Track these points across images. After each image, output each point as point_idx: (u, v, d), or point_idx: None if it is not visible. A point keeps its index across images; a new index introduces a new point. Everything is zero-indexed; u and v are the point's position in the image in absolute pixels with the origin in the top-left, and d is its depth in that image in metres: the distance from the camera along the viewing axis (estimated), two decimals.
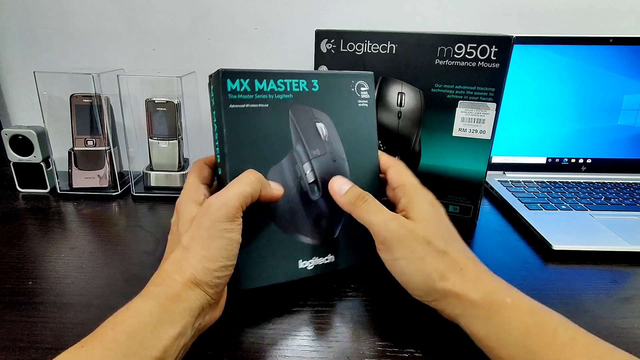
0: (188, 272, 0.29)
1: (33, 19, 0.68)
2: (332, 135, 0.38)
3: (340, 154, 0.38)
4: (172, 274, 0.29)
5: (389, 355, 0.32)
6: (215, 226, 0.30)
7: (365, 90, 0.40)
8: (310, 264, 0.38)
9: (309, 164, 0.37)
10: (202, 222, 0.31)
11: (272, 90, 0.35)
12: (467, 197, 0.55)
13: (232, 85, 0.34)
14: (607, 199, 0.60)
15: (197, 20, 0.68)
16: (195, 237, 0.30)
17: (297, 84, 0.36)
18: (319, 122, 0.38)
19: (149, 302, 0.28)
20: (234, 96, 0.34)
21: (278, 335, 0.34)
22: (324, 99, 0.38)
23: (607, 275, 0.44)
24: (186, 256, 0.30)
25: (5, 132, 0.59)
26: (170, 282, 0.29)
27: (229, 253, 0.30)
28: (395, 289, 0.33)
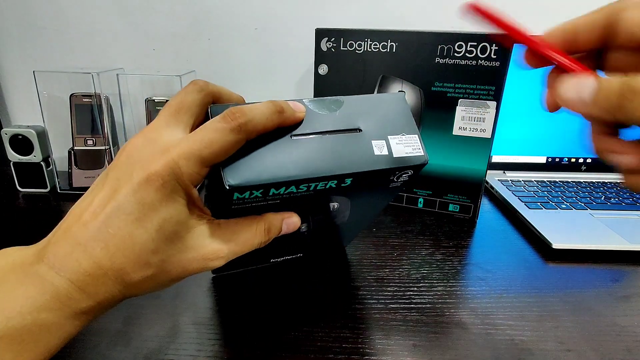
0: (131, 294, 0.23)
1: (33, 18, 0.68)
2: (342, 206, 0.35)
3: (343, 216, 0.36)
4: (113, 291, 0.23)
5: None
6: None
7: (407, 175, 0.30)
8: (280, 259, 0.42)
9: (306, 224, 0.36)
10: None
11: (290, 192, 0.27)
12: (467, 196, 0.55)
13: (239, 195, 0.25)
14: (607, 198, 0.60)
15: (197, 20, 0.68)
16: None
17: (324, 184, 0.27)
18: (332, 202, 0.34)
19: (62, 311, 0.21)
20: (240, 202, 0.26)
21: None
22: (352, 190, 0.30)
23: (607, 274, 0.44)
24: (143, 278, 0.23)
25: (5, 132, 0.59)
26: (102, 299, 0.23)
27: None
28: None
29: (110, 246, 0.22)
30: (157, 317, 0.35)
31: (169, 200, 0.23)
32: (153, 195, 0.22)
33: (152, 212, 0.22)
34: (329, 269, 0.43)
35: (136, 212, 0.22)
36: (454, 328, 0.35)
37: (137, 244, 0.22)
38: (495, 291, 0.40)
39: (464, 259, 0.46)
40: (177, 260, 0.24)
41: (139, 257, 0.22)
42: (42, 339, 0.21)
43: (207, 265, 0.25)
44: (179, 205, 0.23)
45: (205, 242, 0.25)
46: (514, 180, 0.66)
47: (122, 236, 0.22)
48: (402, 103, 0.30)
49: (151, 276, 0.23)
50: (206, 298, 0.38)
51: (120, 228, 0.22)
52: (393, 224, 0.54)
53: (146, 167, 0.22)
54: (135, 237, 0.22)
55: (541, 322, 0.36)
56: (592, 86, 0.21)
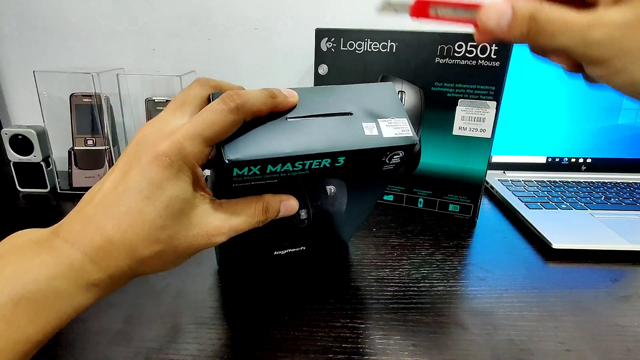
0: (141, 271, 0.25)
1: (33, 18, 0.68)
2: (340, 191, 0.35)
3: (342, 201, 0.37)
4: (123, 266, 0.24)
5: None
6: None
7: (398, 157, 0.31)
8: (283, 252, 0.43)
9: (305, 210, 0.36)
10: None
11: (286, 170, 0.28)
12: (467, 196, 0.55)
13: (238, 172, 0.26)
14: (607, 198, 0.60)
15: (197, 20, 0.68)
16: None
17: (318, 162, 0.28)
18: (329, 185, 0.34)
19: (78, 284, 0.23)
20: (239, 179, 0.27)
21: None
22: (345, 170, 0.31)
23: (607, 273, 0.44)
24: (150, 255, 0.24)
25: (5, 132, 0.59)
26: (115, 273, 0.24)
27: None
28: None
29: (121, 223, 0.23)
30: (158, 317, 0.35)
31: (176, 179, 0.24)
32: (161, 174, 0.24)
33: (160, 190, 0.24)
34: (329, 269, 0.43)
35: (145, 190, 0.23)
36: (454, 328, 0.35)
37: (147, 220, 0.23)
38: (495, 291, 0.40)
39: (464, 259, 0.46)
40: (184, 236, 0.25)
41: (148, 233, 0.24)
42: (56, 305, 0.22)
43: (210, 240, 0.26)
44: (185, 184, 0.24)
45: (208, 219, 0.26)
46: (514, 180, 0.66)
47: (133, 213, 0.23)
48: (391, 91, 0.32)
49: (159, 252, 0.24)
50: (206, 298, 0.38)
51: (130, 206, 0.23)
52: (393, 224, 0.54)
53: (154, 148, 0.24)
54: (145, 214, 0.23)
55: (541, 322, 0.36)
56: (508, 13, 0.23)
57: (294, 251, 0.44)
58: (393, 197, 0.59)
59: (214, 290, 0.39)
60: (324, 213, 0.38)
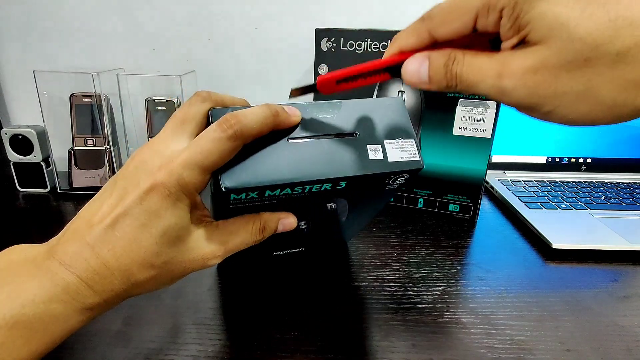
0: (136, 292, 0.25)
1: (33, 18, 0.68)
2: (340, 208, 0.35)
3: (342, 214, 0.37)
4: (118, 288, 0.24)
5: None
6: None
7: (402, 179, 0.30)
8: (282, 252, 0.43)
9: (305, 222, 0.37)
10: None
11: (285, 194, 0.27)
12: (467, 196, 0.55)
13: (236, 197, 0.26)
14: (607, 198, 0.60)
15: (197, 20, 0.68)
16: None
17: (319, 187, 0.27)
18: (330, 204, 0.34)
19: (72, 306, 0.23)
20: (237, 203, 0.27)
21: None
22: (347, 193, 0.30)
23: (607, 273, 0.44)
24: (145, 277, 0.24)
25: (5, 132, 0.59)
26: (109, 296, 0.24)
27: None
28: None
29: (117, 248, 0.23)
30: (158, 317, 0.35)
31: (173, 208, 0.24)
32: (159, 203, 0.23)
33: (157, 219, 0.24)
34: (328, 269, 0.43)
35: (142, 218, 0.23)
36: (453, 328, 0.35)
37: (143, 247, 0.24)
38: (495, 291, 0.40)
39: (464, 259, 0.46)
40: (179, 261, 0.25)
41: (143, 259, 0.24)
42: (50, 328, 0.22)
43: (205, 264, 0.26)
44: (183, 212, 0.24)
45: (204, 243, 0.26)
46: (514, 180, 0.66)
47: (129, 240, 0.23)
48: (400, 107, 0.30)
49: (154, 276, 0.25)
50: (206, 298, 0.38)
51: (126, 232, 0.23)
52: (393, 224, 0.54)
53: (152, 176, 0.24)
54: (141, 241, 0.23)
55: (541, 322, 0.36)
56: (425, 67, 0.23)
57: (293, 252, 0.44)
58: (393, 197, 0.59)
59: (213, 291, 0.39)
60: (324, 224, 0.38)
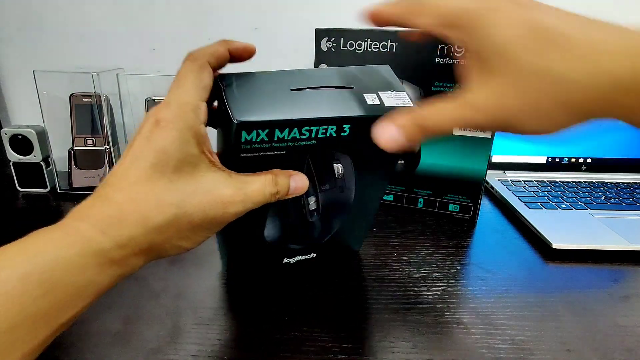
0: (156, 243, 0.24)
1: (33, 18, 0.68)
2: (347, 171, 0.35)
3: (350, 186, 0.37)
4: (135, 230, 0.23)
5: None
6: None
7: None
8: (292, 260, 0.41)
9: (314, 197, 0.36)
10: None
11: (293, 138, 0.29)
12: (467, 196, 0.55)
13: (247, 136, 0.27)
14: (607, 198, 0.60)
15: (197, 20, 0.68)
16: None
17: (324, 130, 0.29)
18: (337, 163, 0.35)
19: (88, 258, 0.22)
20: (248, 146, 0.28)
21: None
22: (351, 143, 0.32)
23: (607, 274, 0.44)
24: (162, 222, 0.24)
25: (5, 132, 0.59)
26: (127, 240, 0.23)
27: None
28: None
29: (131, 192, 0.23)
30: (158, 317, 0.35)
31: (180, 141, 0.24)
32: (164, 138, 0.24)
33: (166, 155, 0.24)
34: (328, 269, 0.43)
35: (151, 157, 0.24)
36: (454, 328, 0.35)
37: (157, 186, 0.24)
38: (495, 291, 0.40)
39: (464, 259, 0.46)
40: (197, 202, 0.25)
41: (159, 198, 0.24)
42: (66, 278, 0.21)
43: (226, 210, 0.26)
44: (190, 146, 0.25)
45: (220, 186, 0.26)
46: (514, 180, 0.66)
47: (141, 182, 0.24)
48: (389, 71, 0.33)
49: (173, 218, 0.24)
50: (206, 298, 0.38)
51: (139, 175, 0.24)
52: (393, 224, 0.54)
53: (153, 117, 0.25)
54: (154, 180, 0.24)
55: (542, 322, 0.36)
56: (395, 134, 0.25)
57: (303, 259, 0.42)
58: (393, 197, 0.59)
59: (213, 291, 0.39)
60: (333, 203, 0.37)
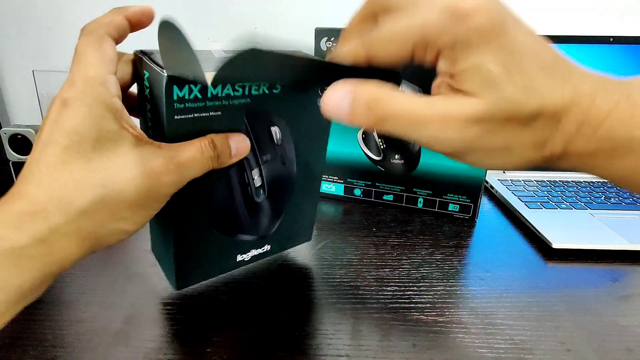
0: (85, 231, 0.22)
1: (32, 18, 0.68)
2: (285, 137, 0.36)
3: (290, 156, 0.37)
4: (55, 221, 0.21)
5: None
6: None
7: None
8: (247, 255, 0.40)
9: (257, 169, 0.35)
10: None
11: (227, 95, 0.29)
12: (467, 196, 0.55)
13: (179, 92, 0.26)
14: (607, 198, 0.60)
15: (197, 20, 0.68)
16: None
17: (257, 86, 0.30)
18: (274, 127, 0.35)
19: (6, 257, 0.20)
20: (181, 105, 0.26)
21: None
22: (285, 100, 0.33)
23: (607, 273, 0.44)
24: (88, 206, 0.22)
25: (4, 131, 0.59)
26: (46, 233, 0.21)
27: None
28: None
29: (44, 181, 0.21)
30: (158, 317, 0.35)
31: (92, 118, 0.22)
32: (73, 117, 0.22)
33: (78, 135, 0.22)
34: (329, 269, 0.43)
35: (62, 140, 0.21)
36: (454, 328, 0.35)
37: (74, 169, 0.21)
38: (495, 291, 0.40)
39: (464, 259, 0.46)
40: (125, 177, 0.23)
41: (77, 181, 0.21)
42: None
43: (159, 181, 0.24)
44: (106, 121, 0.22)
45: (149, 157, 0.24)
46: (514, 179, 0.66)
47: (55, 168, 0.21)
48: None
49: (101, 199, 0.22)
50: (207, 298, 0.38)
51: (50, 162, 0.21)
52: (393, 224, 0.54)
53: (58, 99, 0.22)
54: (69, 163, 0.21)
55: (541, 322, 0.36)
56: (346, 101, 0.21)
57: (258, 253, 0.41)
58: (393, 197, 0.59)
59: (213, 291, 0.39)
60: (277, 179, 0.37)
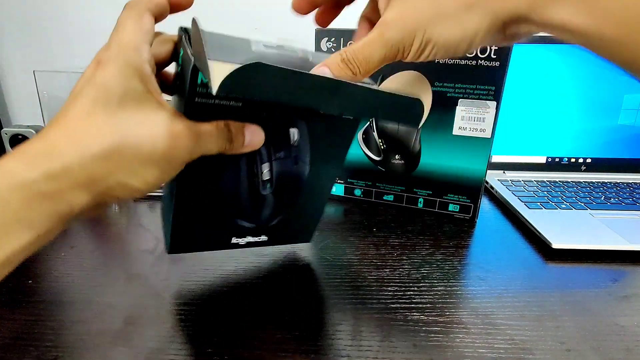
0: (96, 175, 0.23)
1: (33, 18, 0.68)
2: (303, 140, 0.36)
3: (304, 158, 0.37)
4: (68, 160, 0.22)
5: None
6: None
7: None
8: (242, 240, 0.40)
9: (268, 164, 0.36)
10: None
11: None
12: (467, 196, 0.55)
13: (204, 78, 0.27)
14: (607, 198, 0.60)
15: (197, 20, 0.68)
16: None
17: None
18: (293, 128, 0.35)
19: (11, 192, 0.21)
20: (203, 89, 0.27)
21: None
22: (306, 111, 0.34)
23: (607, 273, 0.44)
24: (102, 152, 0.22)
25: (5, 132, 0.59)
26: (58, 170, 0.21)
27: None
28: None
29: (67, 126, 0.23)
30: (158, 317, 0.35)
31: (121, 77, 0.24)
32: (104, 74, 0.24)
33: (106, 89, 0.23)
34: (329, 269, 0.43)
35: (91, 93, 0.23)
36: (454, 328, 0.35)
37: (97, 118, 0.23)
38: (495, 291, 0.40)
39: (464, 259, 0.46)
40: (144, 132, 0.24)
41: (98, 128, 0.23)
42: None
43: (176, 143, 0.25)
44: (133, 82, 0.24)
45: (170, 120, 0.25)
46: (514, 180, 0.66)
47: (80, 116, 0.23)
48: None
49: (115, 147, 0.23)
50: (207, 298, 0.38)
51: (77, 111, 0.23)
52: (393, 224, 0.54)
53: (95, 60, 0.25)
54: (94, 113, 0.23)
55: (541, 322, 0.36)
56: (327, 72, 0.29)
57: (253, 241, 0.41)
58: (393, 197, 0.59)
59: (213, 290, 0.39)
60: (286, 177, 0.37)
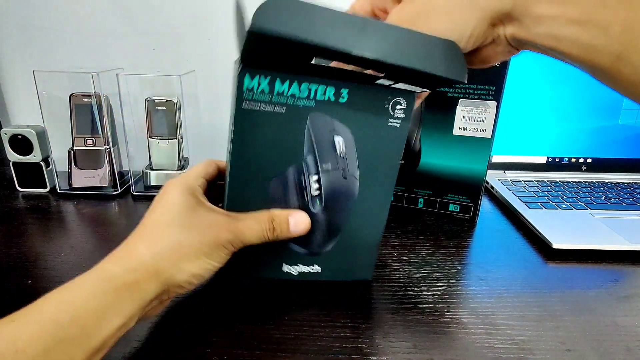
0: (162, 266, 0.28)
1: (33, 18, 0.68)
2: (349, 151, 0.35)
3: (353, 172, 0.36)
4: (143, 257, 0.28)
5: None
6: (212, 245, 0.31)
7: (401, 109, 0.34)
8: (294, 269, 0.39)
9: (316, 176, 0.35)
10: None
11: (293, 95, 0.31)
12: (467, 196, 0.55)
13: (249, 84, 0.29)
14: (608, 198, 0.60)
15: (197, 20, 0.68)
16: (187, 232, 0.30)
17: (323, 91, 0.31)
18: (337, 136, 0.34)
19: (103, 284, 0.26)
20: (249, 95, 0.30)
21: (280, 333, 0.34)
22: (350, 112, 0.33)
23: (608, 274, 0.44)
24: (166, 248, 0.29)
25: (4, 132, 0.59)
26: (136, 265, 0.27)
27: (213, 268, 0.31)
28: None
29: (143, 232, 0.30)
30: (158, 317, 0.35)
31: (180, 194, 0.31)
32: (170, 195, 0.31)
33: (170, 203, 0.31)
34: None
35: (159, 209, 0.31)
36: (454, 328, 0.35)
37: (164, 226, 0.30)
38: (495, 291, 0.40)
39: (464, 259, 0.46)
40: (197, 229, 0.30)
41: (163, 230, 0.30)
42: (89, 304, 0.25)
43: (219, 235, 0.30)
44: (189, 197, 0.31)
45: (216, 217, 0.31)
46: (514, 180, 0.66)
47: (152, 226, 0.30)
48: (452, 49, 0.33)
49: (175, 243, 0.29)
50: (207, 298, 0.38)
51: (150, 223, 0.31)
52: (393, 224, 0.54)
53: (163, 187, 0.33)
54: (161, 222, 0.30)
55: (541, 322, 0.36)
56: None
57: (306, 271, 0.39)
58: (393, 197, 0.59)
59: (213, 290, 0.39)
60: (337, 192, 0.36)
